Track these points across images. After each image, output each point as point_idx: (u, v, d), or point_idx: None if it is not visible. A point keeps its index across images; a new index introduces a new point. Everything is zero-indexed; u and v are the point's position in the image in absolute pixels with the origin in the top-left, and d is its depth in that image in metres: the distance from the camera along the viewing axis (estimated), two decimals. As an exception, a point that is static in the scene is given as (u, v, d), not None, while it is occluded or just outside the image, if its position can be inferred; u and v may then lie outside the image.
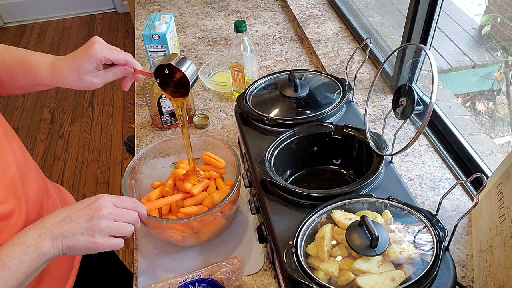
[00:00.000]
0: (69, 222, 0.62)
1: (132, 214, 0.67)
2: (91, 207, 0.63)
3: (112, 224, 0.63)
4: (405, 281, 0.57)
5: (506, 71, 1.96)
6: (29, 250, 0.59)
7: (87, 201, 0.65)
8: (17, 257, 0.58)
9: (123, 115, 2.81)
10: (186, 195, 0.86)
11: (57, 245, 0.61)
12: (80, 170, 2.46)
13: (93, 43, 0.73)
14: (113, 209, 0.65)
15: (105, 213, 0.63)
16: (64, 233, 0.61)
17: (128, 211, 0.67)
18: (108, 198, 0.66)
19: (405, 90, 0.72)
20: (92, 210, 0.63)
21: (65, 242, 0.61)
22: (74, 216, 0.62)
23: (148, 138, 1.14)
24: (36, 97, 2.99)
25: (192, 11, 1.70)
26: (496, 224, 0.72)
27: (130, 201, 0.69)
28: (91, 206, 0.63)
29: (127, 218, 0.66)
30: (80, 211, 0.63)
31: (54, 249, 0.60)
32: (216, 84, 1.26)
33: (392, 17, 1.96)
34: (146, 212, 0.72)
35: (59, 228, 0.61)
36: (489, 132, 1.86)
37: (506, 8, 1.97)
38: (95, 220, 0.62)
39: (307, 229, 0.66)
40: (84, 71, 0.73)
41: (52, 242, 0.60)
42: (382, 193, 0.74)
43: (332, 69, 1.30)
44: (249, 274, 0.83)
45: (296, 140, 0.84)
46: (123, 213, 0.66)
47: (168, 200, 0.84)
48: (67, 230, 0.61)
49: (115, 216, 0.64)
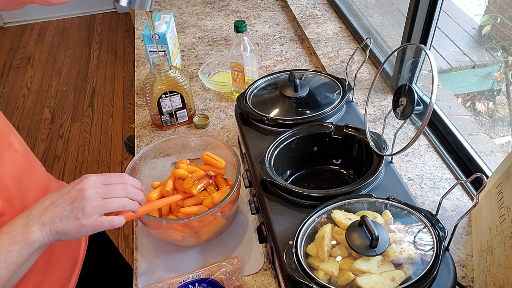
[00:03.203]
0: (55, 207, 0.60)
1: (122, 187, 0.64)
2: (75, 189, 0.61)
3: (99, 202, 0.61)
4: (405, 281, 0.57)
5: (506, 71, 1.96)
6: (17, 239, 0.58)
7: (72, 183, 0.63)
8: (4, 247, 0.57)
9: (123, 115, 2.81)
10: (186, 195, 0.86)
11: (46, 232, 0.59)
12: (80, 170, 2.46)
13: None
14: (98, 187, 0.62)
15: (90, 193, 0.61)
16: (51, 218, 0.59)
17: (116, 186, 0.64)
18: (94, 177, 0.63)
19: (405, 90, 0.72)
20: (76, 192, 0.61)
21: (53, 227, 0.59)
22: (59, 201, 0.61)
23: (148, 138, 1.14)
24: (36, 97, 2.99)
25: (192, 11, 1.70)
26: (496, 224, 0.72)
27: (118, 176, 0.66)
28: (75, 188, 0.61)
29: (117, 193, 0.63)
30: (65, 194, 0.61)
31: (43, 236, 0.59)
32: (216, 84, 1.26)
33: (392, 17, 1.96)
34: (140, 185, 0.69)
35: (45, 213, 0.60)
36: (489, 132, 1.86)
37: (506, 8, 1.97)
38: (79, 202, 0.60)
39: (307, 229, 0.66)
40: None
41: (40, 229, 0.59)
42: (382, 193, 0.74)
43: (332, 69, 1.30)
44: (249, 274, 0.83)
45: (296, 140, 0.84)
46: (111, 189, 0.63)
47: (168, 200, 0.84)
48: (53, 214, 0.59)
49: (102, 194, 0.62)
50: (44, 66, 3.29)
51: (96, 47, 3.45)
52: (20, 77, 3.19)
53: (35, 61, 3.35)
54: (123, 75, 3.15)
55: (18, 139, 0.76)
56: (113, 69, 3.21)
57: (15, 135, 0.75)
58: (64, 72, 3.22)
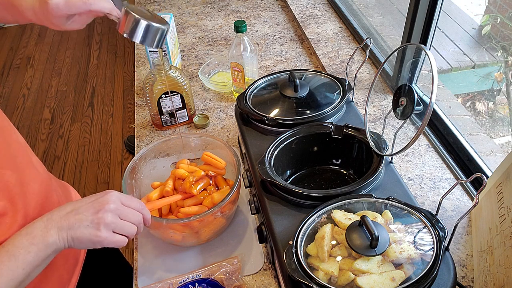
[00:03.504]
0: (76, 214, 0.62)
1: (137, 215, 0.67)
2: (99, 201, 0.63)
3: (116, 220, 0.63)
4: (405, 281, 0.57)
5: (506, 71, 1.96)
6: (36, 240, 0.59)
7: (96, 195, 0.65)
8: (23, 247, 0.59)
9: (123, 115, 2.81)
10: (186, 195, 0.86)
11: (63, 236, 0.60)
12: (80, 170, 2.46)
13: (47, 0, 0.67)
14: (119, 206, 0.64)
15: (112, 207, 0.63)
16: (70, 224, 0.61)
17: (133, 211, 0.67)
18: (117, 194, 0.66)
19: (405, 90, 0.72)
20: (99, 204, 0.63)
21: (70, 233, 0.61)
22: (81, 209, 0.62)
23: (148, 138, 1.14)
24: (36, 97, 2.99)
25: (192, 11, 1.70)
26: (496, 224, 0.72)
27: (137, 202, 0.68)
28: (99, 200, 0.63)
29: (131, 218, 0.66)
30: (88, 204, 0.63)
31: (59, 240, 0.60)
32: (216, 84, 1.26)
33: (392, 17, 1.96)
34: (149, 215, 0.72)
35: (66, 219, 0.61)
36: (489, 132, 1.86)
37: (506, 8, 1.97)
38: (101, 213, 0.62)
39: (307, 229, 0.66)
40: (58, 23, 0.70)
41: (58, 233, 0.60)
42: (382, 193, 0.74)
43: (332, 69, 1.30)
44: (249, 274, 0.83)
45: (296, 140, 0.84)
46: (129, 212, 0.66)
47: (168, 200, 0.84)
48: (73, 221, 0.61)
49: (121, 213, 0.64)
50: (44, 66, 3.29)
51: (96, 47, 3.45)
52: (20, 77, 3.19)
53: (35, 61, 3.35)
54: (123, 75, 3.15)
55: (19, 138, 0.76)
56: (113, 69, 3.21)
57: (15, 133, 0.75)
58: (64, 72, 3.22)
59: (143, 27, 0.68)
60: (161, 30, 0.69)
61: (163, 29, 0.69)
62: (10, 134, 0.72)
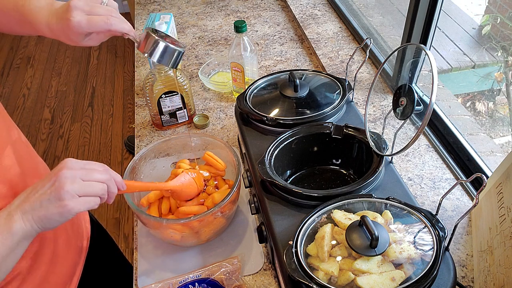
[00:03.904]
0: (35, 193, 0.58)
1: (102, 173, 0.62)
2: (53, 172, 0.59)
3: (78, 183, 0.59)
4: (405, 281, 0.57)
5: (506, 71, 1.97)
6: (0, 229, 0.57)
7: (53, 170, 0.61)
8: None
9: (123, 115, 2.81)
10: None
11: (28, 219, 0.58)
12: (80, 170, 2.46)
13: (70, 17, 0.67)
14: (78, 169, 0.60)
15: (68, 174, 0.58)
16: (32, 205, 0.58)
17: (97, 170, 0.62)
18: (73, 160, 0.61)
19: (405, 90, 0.72)
20: (54, 174, 0.59)
21: (35, 214, 0.57)
22: (38, 186, 0.59)
23: (148, 138, 1.14)
24: (36, 97, 2.99)
25: (192, 11, 1.70)
26: (496, 224, 0.72)
27: (99, 164, 0.63)
28: (54, 171, 0.60)
29: (96, 177, 0.61)
30: (44, 179, 0.59)
31: (26, 225, 0.57)
32: (216, 84, 1.26)
33: (392, 17, 1.96)
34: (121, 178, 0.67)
35: (26, 201, 0.58)
36: (489, 132, 1.86)
37: (506, 8, 1.97)
38: (58, 182, 0.58)
39: (307, 229, 0.66)
40: (76, 40, 0.71)
41: (22, 218, 0.57)
42: (382, 193, 0.74)
43: (332, 69, 1.30)
44: (249, 274, 0.83)
45: (296, 140, 0.84)
46: (91, 172, 0.61)
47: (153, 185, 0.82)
48: (33, 201, 0.58)
49: (82, 175, 0.59)
50: (44, 66, 3.29)
51: (96, 47, 3.45)
52: (20, 77, 3.19)
53: (35, 61, 3.35)
54: (123, 75, 3.15)
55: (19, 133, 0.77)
56: (113, 69, 3.21)
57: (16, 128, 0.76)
58: (64, 72, 3.22)
59: (162, 48, 0.73)
60: (177, 52, 0.74)
61: (180, 51, 0.74)
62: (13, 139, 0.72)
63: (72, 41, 0.71)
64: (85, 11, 0.68)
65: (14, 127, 0.76)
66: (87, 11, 0.68)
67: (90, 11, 0.68)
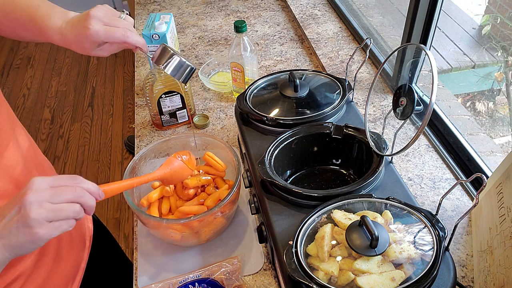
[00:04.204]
0: (2, 219, 0.53)
1: (74, 191, 0.56)
2: (19, 195, 0.54)
3: (46, 207, 0.53)
4: (405, 281, 0.57)
5: (506, 71, 1.97)
6: None
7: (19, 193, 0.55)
8: None
9: (123, 115, 2.81)
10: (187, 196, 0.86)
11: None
12: (80, 170, 2.46)
13: (89, 25, 0.68)
14: (45, 190, 0.54)
15: (33, 198, 0.52)
16: (3, 235, 0.53)
17: (67, 188, 0.56)
18: (40, 179, 0.55)
19: (405, 90, 0.72)
20: (19, 198, 0.53)
21: (4, 243, 0.53)
22: (5, 212, 0.54)
23: (148, 138, 1.14)
24: (36, 97, 2.99)
25: (192, 11, 1.70)
26: (496, 224, 0.72)
27: (69, 178, 0.57)
28: (20, 194, 0.54)
29: (66, 198, 0.55)
30: (11, 203, 0.54)
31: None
32: (216, 84, 1.26)
33: (392, 17, 1.96)
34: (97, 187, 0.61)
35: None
36: (489, 132, 1.86)
37: (506, 8, 1.97)
38: (23, 209, 0.52)
39: (307, 229, 0.66)
40: (88, 48, 0.72)
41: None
42: (382, 193, 0.74)
43: (332, 69, 1.30)
44: (249, 274, 0.83)
45: (296, 140, 0.84)
46: (59, 191, 0.55)
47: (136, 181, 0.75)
48: (1, 229, 0.53)
49: (49, 197, 0.54)
50: (44, 66, 3.29)
51: (96, 47, 3.45)
52: (20, 77, 3.19)
53: (35, 61, 3.35)
54: (123, 75, 3.15)
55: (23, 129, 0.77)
56: (113, 69, 3.21)
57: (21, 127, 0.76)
58: (64, 72, 3.22)
59: (176, 62, 0.76)
60: (189, 68, 0.78)
61: (192, 67, 0.78)
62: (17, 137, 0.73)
63: (84, 49, 0.72)
64: (104, 22, 0.70)
65: (19, 124, 0.76)
66: (106, 22, 0.70)
67: (108, 23, 0.70)
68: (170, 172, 0.80)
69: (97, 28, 0.69)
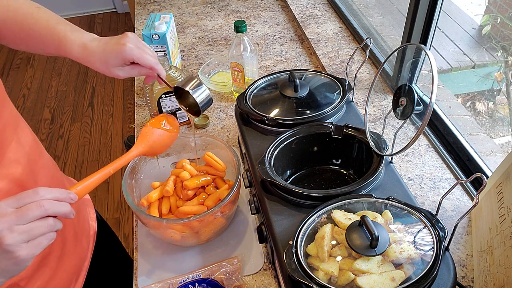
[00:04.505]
0: None
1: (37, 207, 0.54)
2: None
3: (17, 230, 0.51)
4: (405, 281, 0.57)
5: (506, 71, 1.96)
6: None
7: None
8: None
9: (123, 115, 2.81)
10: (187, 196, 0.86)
11: None
12: (80, 170, 2.46)
13: (127, 42, 0.74)
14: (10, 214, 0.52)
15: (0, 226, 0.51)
16: None
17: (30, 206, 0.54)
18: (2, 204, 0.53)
19: (405, 90, 0.72)
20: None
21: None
22: None
23: (148, 138, 1.14)
24: (36, 97, 2.99)
25: (192, 11, 1.70)
26: (496, 224, 0.72)
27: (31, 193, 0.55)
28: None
29: (34, 215, 0.53)
30: None
31: None
32: (216, 84, 1.26)
33: (392, 17, 1.96)
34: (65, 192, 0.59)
35: None
36: (489, 132, 1.86)
37: (506, 8, 1.97)
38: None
39: (307, 229, 0.66)
40: (111, 64, 0.75)
41: None
42: (382, 193, 0.74)
43: (332, 69, 1.30)
44: (249, 274, 0.83)
45: (296, 140, 0.84)
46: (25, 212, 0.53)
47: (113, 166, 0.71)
48: None
49: (17, 220, 0.52)
50: (44, 66, 3.29)
51: (96, 47, 3.45)
52: (20, 77, 3.19)
53: (35, 61, 3.35)
54: (123, 75, 3.15)
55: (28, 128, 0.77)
56: (113, 69, 3.21)
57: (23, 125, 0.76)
58: (64, 72, 3.22)
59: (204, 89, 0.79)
60: (211, 100, 0.81)
61: (212, 99, 0.81)
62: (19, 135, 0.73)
63: (106, 65, 0.75)
64: (138, 46, 0.75)
65: (22, 122, 0.76)
66: (139, 47, 0.75)
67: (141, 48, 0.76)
68: (150, 144, 0.78)
69: (133, 47, 0.74)
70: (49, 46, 0.76)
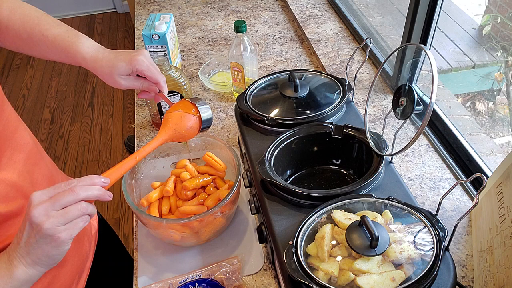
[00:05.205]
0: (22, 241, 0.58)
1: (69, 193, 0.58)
2: (26, 213, 0.58)
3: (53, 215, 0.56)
4: (405, 281, 0.57)
5: (506, 71, 1.97)
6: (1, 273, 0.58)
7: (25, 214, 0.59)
8: None
9: (123, 115, 2.81)
10: (187, 196, 0.86)
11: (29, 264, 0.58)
12: (80, 170, 2.46)
13: (139, 54, 0.78)
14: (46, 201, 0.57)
15: (37, 212, 0.56)
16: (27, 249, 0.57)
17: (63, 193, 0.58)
18: (38, 193, 0.58)
19: (405, 90, 0.72)
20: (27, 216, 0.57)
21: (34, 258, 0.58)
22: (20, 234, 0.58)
23: (148, 138, 1.14)
24: (36, 97, 2.99)
25: (192, 11, 1.70)
26: (496, 224, 0.72)
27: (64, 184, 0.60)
28: (26, 212, 0.58)
29: (67, 200, 0.58)
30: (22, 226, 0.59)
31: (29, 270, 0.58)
32: (216, 84, 1.26)
33: (392, 17, 1.96)
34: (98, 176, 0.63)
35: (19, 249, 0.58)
36: (489, 132, 1.86)
37: (506, 8, 1.97)
38: (35, 224, 0.56)
39: (307, 229, 0.66)
40: (118, 71, 0.78)
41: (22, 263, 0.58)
42: (382, 193, 0.74)
43: (332, 69, 1.30)
44: (249, 274, 0.83)
45: (296, 140, 0.84)
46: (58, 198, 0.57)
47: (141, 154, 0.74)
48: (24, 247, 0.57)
49: (51, 206, 0.57)
50: (44, 66, 3.29)
51: (96, 47, 3.45)
52: (20, 77, 3.19)
53: (35, 61, 3.35)
54: (123, 75, 3.15)
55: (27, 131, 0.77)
56: (113, 69, 3.21)
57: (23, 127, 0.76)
58: (64, 72, 3.22)
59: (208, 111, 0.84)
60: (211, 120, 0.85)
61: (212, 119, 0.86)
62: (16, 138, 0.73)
63: (111, 71, 0.78)
64: (149, 62, 0.80)
65: (22, 125, 0.76)
66: (150, 63, 0.80)
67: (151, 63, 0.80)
68: (173, 127, 0.80)
69: (144, 59, 0.78)
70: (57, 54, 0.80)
